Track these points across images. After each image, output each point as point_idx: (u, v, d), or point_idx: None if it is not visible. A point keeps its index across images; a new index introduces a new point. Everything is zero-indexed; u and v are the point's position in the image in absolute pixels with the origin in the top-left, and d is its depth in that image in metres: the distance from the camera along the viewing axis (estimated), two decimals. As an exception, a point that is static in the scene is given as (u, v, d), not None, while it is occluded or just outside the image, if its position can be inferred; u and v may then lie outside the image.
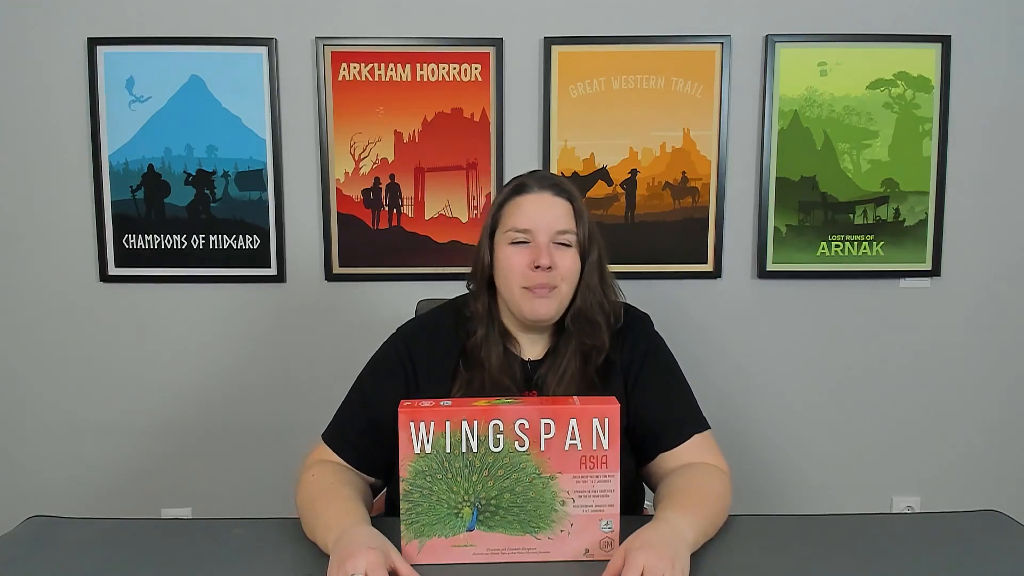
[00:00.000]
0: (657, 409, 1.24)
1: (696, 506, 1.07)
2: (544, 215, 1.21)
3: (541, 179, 1.26)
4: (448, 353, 1.26)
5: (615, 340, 1.28)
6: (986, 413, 2.31)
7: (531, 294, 1.21)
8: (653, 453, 1.24)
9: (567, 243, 1.22)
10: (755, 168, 2.22)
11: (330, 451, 1.25)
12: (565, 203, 1.23)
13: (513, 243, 1.22)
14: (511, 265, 1.22)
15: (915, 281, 2.25)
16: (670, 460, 1.22)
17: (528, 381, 1.26)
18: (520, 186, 1.26)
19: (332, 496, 1.12)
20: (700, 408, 1.29)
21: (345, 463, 1.24)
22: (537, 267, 1.19)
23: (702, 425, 1.26)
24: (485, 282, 1.28)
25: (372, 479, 1.27)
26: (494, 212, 1.27)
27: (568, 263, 1.22)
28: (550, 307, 1.22)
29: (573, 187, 1.28)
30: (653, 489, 1.25)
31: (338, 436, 1.26)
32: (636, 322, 1.32)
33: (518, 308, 1.23)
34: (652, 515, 1.08)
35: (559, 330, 1.28)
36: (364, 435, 1.25)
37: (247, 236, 2.20)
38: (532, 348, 1.29)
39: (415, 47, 2.14)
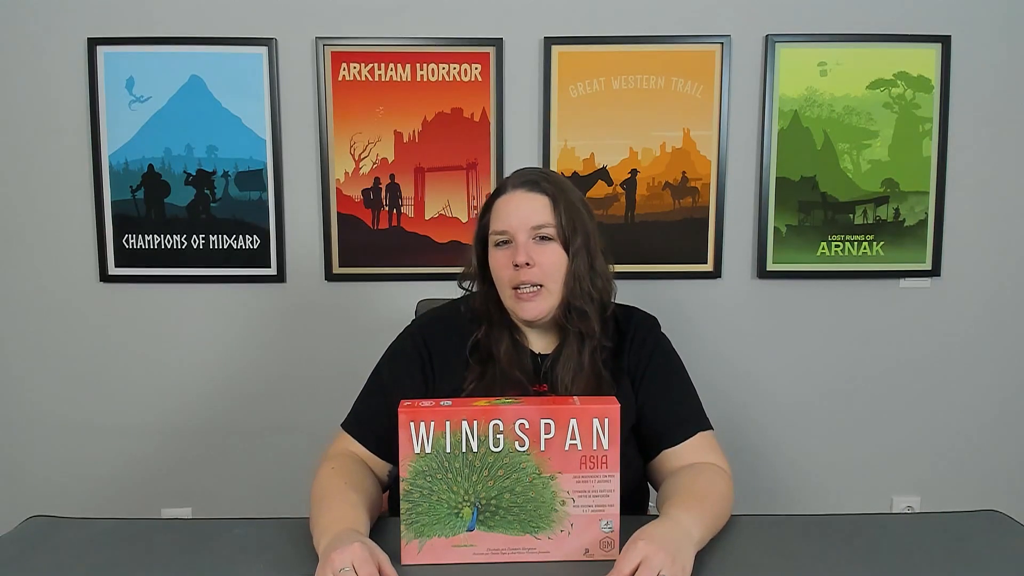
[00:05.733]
0: (662, 406, 1.26)
1: (701, 505, 1.08)
2: (517, 213, 1.23)
3: (517, 178, 1.28)
4: (462, 345, 1.29)
5: (623, 342, 1.30)
6: (986, 413, 2.31)
7: (520, 297, 1.23)
8: (657, 450, 1.25)
9: (548, 236, 1.23)
10: (755, 168, 2.22)
11: (351, 439, 1.27)
12: (540, 197, 1.24)
13: (497, 246, 1.25)
14: (497, 267, 1.25)
15: (915, 281, 2.25)
16: (673, 457, 1.23)
17: (538, 374, 1.27)
18: (497, 189, 1.29)
19: (335, 500, 1.11)
20: (704, 409, 1.30)
21: (366, 450, 1.26)
22: (516, 265, 1.21)
23: (705, 424, 1.27)
24: (481, 282, 1.31)
25: (391, 466, 1.28)
26: (480, 218, 1.30)
27: (549, 258, 1.23)
28: (539, 308, 1.23)
29: (551, 178, 1.28)
30: (656, 487, 1.26)
31: (358, 425, 1.28)
32: (644, 325, 1.34)
33: (512, 310, 1.26)
34: (655, 515, 1.08)
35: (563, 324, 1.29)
36: (384, 422, 1.25)
37: (247, 236, 2.20)
38: (539, 341, 1.31)
39: (415, 47, 2.14)
